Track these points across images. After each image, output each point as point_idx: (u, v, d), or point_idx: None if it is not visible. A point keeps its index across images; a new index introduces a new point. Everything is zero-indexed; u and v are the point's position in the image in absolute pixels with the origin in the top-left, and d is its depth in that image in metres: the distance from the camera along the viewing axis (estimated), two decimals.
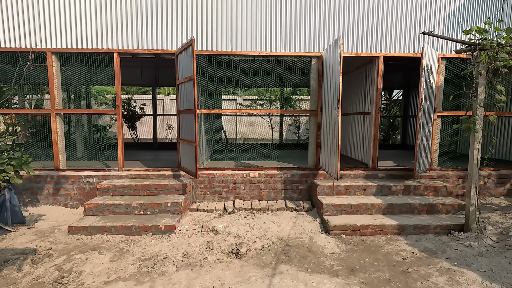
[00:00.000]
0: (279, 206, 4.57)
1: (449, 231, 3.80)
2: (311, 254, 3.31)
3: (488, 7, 4.69)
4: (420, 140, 4.37)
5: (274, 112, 5.10)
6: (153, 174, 4.73)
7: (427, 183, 4.60)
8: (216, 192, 4.78)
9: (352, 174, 4.83)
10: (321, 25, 4.67)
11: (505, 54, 3.15)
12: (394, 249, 3.43)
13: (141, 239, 3.63)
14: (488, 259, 3.06)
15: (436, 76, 4.70)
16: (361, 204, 4.13)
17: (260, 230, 3.86)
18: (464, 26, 4.59)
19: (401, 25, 4.71)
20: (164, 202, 4.08)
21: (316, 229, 3.95)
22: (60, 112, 4.66)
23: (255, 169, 4.86)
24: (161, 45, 4.59)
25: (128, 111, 10.35)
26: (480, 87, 3.60)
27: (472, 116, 3.65)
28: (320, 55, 4.66)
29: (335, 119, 3.92)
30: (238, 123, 14.64)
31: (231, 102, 13.72)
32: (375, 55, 4.72)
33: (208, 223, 4.08)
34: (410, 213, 4.16)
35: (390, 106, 11.02)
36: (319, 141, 4.82)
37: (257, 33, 4.64)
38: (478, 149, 3.68)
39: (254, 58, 4.97)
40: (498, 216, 3.94)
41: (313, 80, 4.75)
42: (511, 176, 4.93)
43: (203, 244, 3.47)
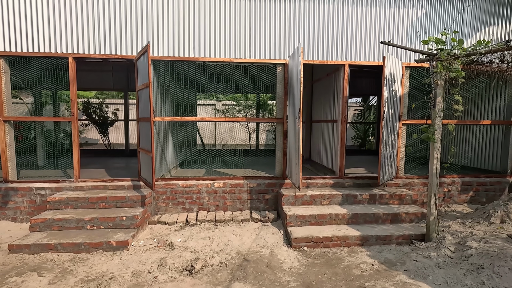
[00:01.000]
0: (243, 217, 4.43)
1: (411, 241, 3.78)
2: (269, 269, 3.18)
3: (448, 18, 4.78)
4: (383, 148, 4.36)
5: (239, 119, 4.95)
6: (112, 185, 4.48)
7: (392, 191, 4.60)
8: (179, 203, 4.58)
9: (319, 183, 4.77)
10: (286, 32, 4.61)
11: (457, 65, 3.17)
12: (354, 262, 3.35)
13: (90, 257, 3.38)
14: (445, 271, 3.04)
15: (401, 85, 4.73)
16: (325, 215, 4.05)
17: (220, 244, 3.70)
18: (424, 36, 4.66)
19: (365, 34, 4.73)
20: (119, 215, 3.84)
21: (279, 242, 3.83)
22: (9, 119, 4.34)
23: (220, 179, 4.70)
24: (120, 50, 4.39)
25: (100, 117, 9.97)
26: (438, 96, 3.62)
27: (431, 126, 3.66)
28: (286, 62, 4.60)
29: (296, 128, 3.84)
30: (217, 128, 14.47)
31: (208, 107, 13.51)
32: (341, 63, 4.70)
33: (167, 237, 3.88)
34: (374, 223, 4.12)
35: (365, 113, 11.18)
36: (286, 149, 4.73)
37: (221, 40, 4.52)
38: (437, 158, 3.69)
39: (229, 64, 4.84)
40: (458, 225, 3.96)
41: (279, 87, 4.68)
42: (474, 183, 5.01)
43: (156, 261, 3.27)
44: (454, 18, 4.79)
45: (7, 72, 4.32)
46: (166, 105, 5.38)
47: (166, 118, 4.61)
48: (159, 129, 4.85)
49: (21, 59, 4.42)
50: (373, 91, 9.47)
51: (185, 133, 7.12)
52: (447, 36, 3.51)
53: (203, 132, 13.96)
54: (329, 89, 5.75)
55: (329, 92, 5.76)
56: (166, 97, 5.40)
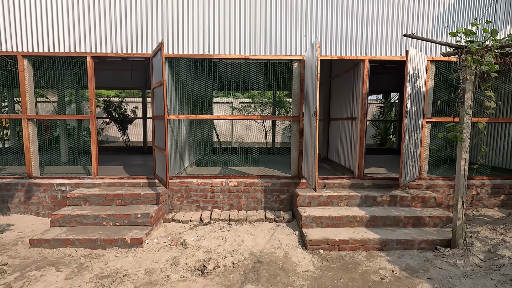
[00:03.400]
0: (258, 216, 4.35)
1: (435, 247, 3.55)
2: (282, 272, 3.08)
3: (479, 8, 4.44)
4: (405, 148, 4.12)
5: (254, 117, 4.86)
6: (128, 182, 4.54)
7: (414, 193, 4.35)
8: (193, 201, 4.57)
9: (336, 183, 4.60)
10: (303, 27, 4.46)
11: (490, 58, 2.91)
12: (373, 267, 3.19)
13: (106, 253, 3.43)
14: (473, 281, 2.81)
15: (425, 80, 4.46)
16: (342, 217, 3.89)
17: (233, 244, 3.64)
18: (452, 28, 4.34)
19: (387, 27, 4.48)
20: (134, 213, 3.88)
21: (294, 243, 3.72)
22: (32, 118, 4.50)
23: (234, 178, 4.64)
24: (137, 49, 4.42)
25: (119, 115, 10.23)
26: (467, 92, 3.35)
27: (459, 124, 3.41)
28: (302, 58, 4.45)
29: (313, 126, 3.70)
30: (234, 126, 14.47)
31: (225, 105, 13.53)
32: (360, 58, 4.49)
33: (180, 235, 3.87)
34: (394, 226, 3.91)
35: (386, 110, 10.74)
36: (301, 148, 4.59)
37: (236, 36, 4.44)
38: (466, 159, 3.43)
39: (245, 61, 4.78)
40: (488, 231, 3.67)
41: (295, 84, 4.54)
42: (506, 186, 4.65)
43: (169, 260, 3.26)
44: (486, 8, 4.44)
45: (30, 71, 4.47)
46: (181, 103, 5.39)
47: (181, 116, 4.61)
48: (174, 127, 4.86)
49: (42, 58, 4.56)
50: (395, 87, 9.08)
51: (201, 131, 7.14)
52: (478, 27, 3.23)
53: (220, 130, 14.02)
54: (347, 85, 5.53)
55: (347, 89, 5.54)
56: (181, 95, 5.40)
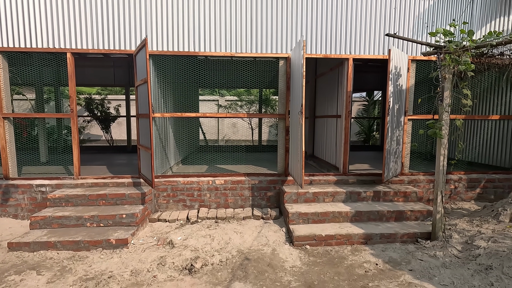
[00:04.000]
0: (245, 214, 4.37)
1: (416, 240, 3.68)
2: (270, 268, 3.12)
3: (457, 9, 4.61)
4: (388, 145, 4.25)
5: (240, 115, 4.85)
6: (112, 182, 4.43)
7: (397, 188, 4.49)
8: (180, 200, 4.53)
9: (322, 180, 4.67)
10: (288, 25, 4.48)
11: (467, 58, 3.04)
12: (358, 261, 3.27)
13: (90, 255, 3.35)
14: (451, 271, 2.94)
15: (406, 79, 4.59)
16: (328, 212, 3.97)
17: (220, 242, 3.64)
18: (431, 28, 4.50)
19: (370, 27, 4.58)
20: (119, 213, 3.80)
21: (281, 240, 3.76)
22: (8, 116, 4.30)
23: (221, 176, 4.63)
24: (119, 45, 4.31)
25: (102, 113, 9.95)
26: (446, 91, 3.49)
27: (438, 121, 3.54)
28: (288, 56, 4.48)
29: (299, 124, 3.74)
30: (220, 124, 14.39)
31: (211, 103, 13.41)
32: (345, 56, 4.57)
33: (167, 235, 3.83)
34: (378, 221, 4.03)
35: (370, 108, 11.00)
36: (288, 146, 4.63)
37: (222, 33, 4.41)
38: (444, 154, 3.57)
39: (231, 58, 4.75)
40: (465, 223, 3.85)
41: (281, 82, 4.57)
42: (481, 180, 4.88)
43: (155, 260, 3.22)
44: (463, 10, 4.62)
45: (5, 68, 4.27)
46: (166, 101, 5.31)
47: (166, 114, 4.54)
48: (159, 125, 4.79)
49: (19, 54, 4.37)
50: (378, 85, 9.30)
51: (187, 129, 7.06)
52: (456, 28, 3.37)
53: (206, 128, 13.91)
54: (332, 83, 5.62)
55: (332, 87, 5.63)
56: (166, 93, 5.32)
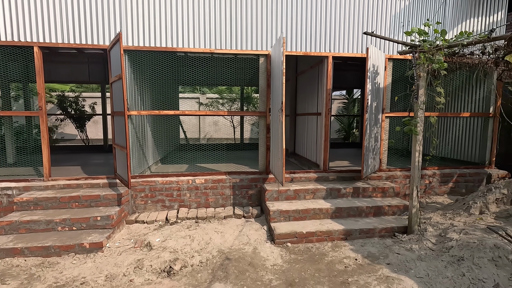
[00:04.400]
0: (226, 213, 4.31)
1: (394, 234, 3.78)
2: (251, 268, 3.08)
3: (431, 10, 4.76)
4: (367, 142, 4.33)
5: (220, 113, 4.77)
6: (86, 183, 4.23)
7: (375, 184, 4.59)
8: (158, 201, 4.40)
9: (303, 177, 4.70)
10: (269, 22, 4.45)
11: (440, 56, 3.13)
12: (338, 257, 3.31)
13: (61, 261, 3.17)
14: (426, 263, 3.04)
15: (384, 77, 4.69)
16: (309, 209, 3.99)
17: (201, 243, 3.56)
18: (407, 27, 4.62)
19: (349, 25, 4.63)
20: (93, 215, 3.63)
21: (262, 238, 3.74)
22: None
23: (201, 175, 4.54)
24: (92, 40, 4.10)
25: (76, 111, 9.51)
26: (420, 89, 3.59)
27: (414, 118, 3.64)
28: (268, 54, 4.45)
29: (279, 122, 3.72)
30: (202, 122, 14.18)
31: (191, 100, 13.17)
32: (324, 54, 4.60)
33: (145, 237, 3.70)
34: (357, 216, 4.10)
35: (350, 105, 11.22)
36: (269, 143, 4.61)
37: (201, 29, 4.31)
38: (419, 150, 3.68)
39: (211, 55, 4.64)
40: (439, 217, 4.00)
41: (261, 79, 4.53)
42: (453, 174, 5.08)
43: (132, 263, 3.10)
44: (437, 10, 4.77)
45: None
46: (144, 98, 5.13)
47: (143, 112, 4.38)
48: (136, 124, 4.62)
49: None
50: (357, 84, 9.49)
51: (166, 128, 6.88)
52: (429, 27, 3.46)
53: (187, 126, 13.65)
54: (313, 81, 5.65)
55: (313, 85, 5.66)
56: (144, 90, 5.14)
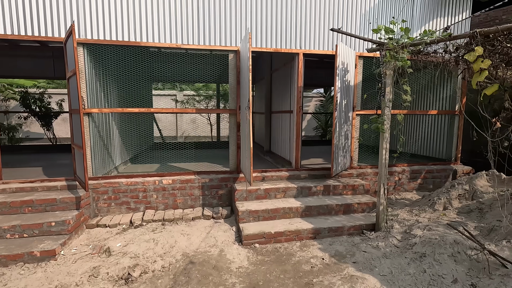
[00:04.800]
0: (195, 214, 4.17)
1: (362, 231, 3.79)
2: (215, 271, 2.97)
3: (399, 8, 4.81)
4: (336, 140, 4.32)
5: (188, 111, 4.61)
6: (42, 186, 3.94)
7: (346, 181, 4.60)
8: (123, 203, 4.18)
9: (274, 176, 4.63)
10: (238, 17, 4.32)
11: (403, 54, 3.14)
12: (305, 257, 3.27)
13: (7, 272, 2.91)
14: (391, 261, 3.05)
15: (354, 75, 4.70)
16: (279, 209, 3.93)
17: (165, 246, 3.41)
18: (375, 26, 4.64)
19: (320, 22, 4.59)
20: (47, 221, 3.38)
21: (230, 240, 3.64)
22: None
23: (169, 175, 4.37)
24: (45, 31, 3.80)
25: (41, 108, 8.96)
26: (387, 86, 3.60)
27: (381, 116, 3.65)
28: (238, 50, 4.32)
29: (246, 120, 3.62)
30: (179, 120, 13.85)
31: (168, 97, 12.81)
32: (295, 51, 4.54)
33: (105, 242, 3.50)
34: (327, 215, 4.08)
35: (327, 103, 11.32)
36: (240, 142, 4.51)
37: (167, 23, 4.11)
38: (386, 148, 3.70)
39: (179, 51, 4.45)
40: (406, 213, 4.06)
41: (231, 76, 4.40)
42: (422, 171, 5.20)
43: (87, 271, 2.90)
44: (405, 9, 4.83)
45: None
46: (109, 95, 4.86)
47: (105, 110, 4.14)
48: (99, 122, 4.37)
49: None
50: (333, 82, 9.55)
51: (138, 126, 6.60)
52: (395, 25, 3.47)
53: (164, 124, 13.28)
54: (286, 79, 5.59)
55: (286, 82, 5.60)
56: (109, 87, 4.88)
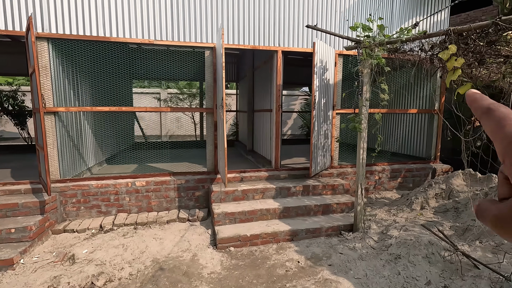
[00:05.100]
0: (169, 217, 4.01)
1: (340, 232, 3.74)
2: (185, 278, 2.84)
3: (379, 7, 4.77)
4: (315, 139, 4.24)
5: (163, 109, 4.42)
6: (3, 190, 3.70)
7: (326, 181, 4.54)
8: (93, 206, 3.99)
9: (253, 176, 4.52)
10: (214, 12, 4.17)
11: (378, 52, 3.08)
12: (281, 260, 3.18)
13: None
14: (366, 263, 3.00)
15: (334, 73, 4.64)
16: (256, 210, 3.82)
17: (135, 252, 3.25)
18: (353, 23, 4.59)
19: (299, 19, 4.50)
20: (6, 227, 3.16)
21: (205, 243, 3.51)
22: None
23: (142, 176, 4.20)
24: (5, 24, 3.55)
25: (14, 106, 8.55)
26: (364, 85, 3.54)
27: (358, 115, 3.59)
28: (214, 46, 4.18)
29: (220, 119, 3.49)
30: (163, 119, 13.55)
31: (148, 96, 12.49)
32: (273, 48, 4.43)
33: (71, 248, 3.31)
34: (306, 215, 4.01)
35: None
36: (217, 141, 4.37)
37: (138, 17, 3.92)
38: (364, 148, 3.65)
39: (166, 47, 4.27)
40: (384, 213, 4.03)
41: (207, 74, 4.26)
42: (401, 170, 5.21)
43: (47, 281, 2.72)
44: (384, 7, 4.79)
45: None
46: (80, 93, 4.64)
47: (72, 109, 3.92)
48: (67, 121, 4.15)
49: None
50: None
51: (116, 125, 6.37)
52: (373, 23, 3.41)
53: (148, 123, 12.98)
54: (266, 77, 5.49)
55: (266, 80, 5.50)
56: (81, 84, 4.64)
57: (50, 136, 3.77)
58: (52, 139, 3.80)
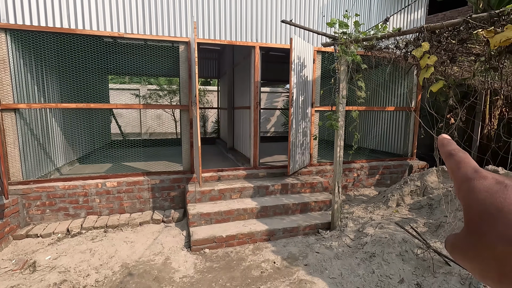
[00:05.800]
0: (143, 219, 3.85)
1: (318, 231, 3.71)
2: (155, 283, 2.72)
3: (357, 4, 4.76)
4: (293, 137, 4.19)
5: (135, 106, 4.23)
6: None
7: (305, 179, 4.51)
8: (60, 209, 3.76)
9: (231, 175, 4.42)
10: (188, 5, 4.01)
11: (354, 49, 3.05)
12: (256, 261, 3.10)
13: None
14: (342, 262, 2.98)
15: (312, 70, 4.59)
16: (232, 210, 3.73)
17: (103, 257, 3.09)
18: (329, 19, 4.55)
19: (277, 14, 4.41)
20: None
21: (179, 245, 3.39)
22: None
23: (114, 177, 4.00)
24: None
25: None
26: (341, 82, 3.50)
27: (335, 112, 3.56)
28: (188, 41, 4.02)
29: (193, 116, 3.36)
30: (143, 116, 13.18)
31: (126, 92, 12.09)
32: (251, 44, 4.32)
33: (33, 254, 3.10)
34: (284, 214, 3.95)
35: None
36: (193, 140, 4.23)
37: (106, 8, 3.70)
38: (341, 145, 3.62)
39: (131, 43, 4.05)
40: (361, 210, 4.04)
41: (182, 69, 4.10)
42: (379, 167, 5.26)
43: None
44: (363, 4, 4.78)
45: None
46: (47, 89, 4.35)
47: (35, 105, 3.66)
48: (30, 119, 3.88)
49: None
50: None
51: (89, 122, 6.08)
52: (349, 19, 3.37)
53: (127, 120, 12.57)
54: (245, 73, 5.38)
55: (245, 77, 5.39)
56: (47, 79, 4.36)
57: (10, 135, 3.51)
58: (12, 137, 3.54)
